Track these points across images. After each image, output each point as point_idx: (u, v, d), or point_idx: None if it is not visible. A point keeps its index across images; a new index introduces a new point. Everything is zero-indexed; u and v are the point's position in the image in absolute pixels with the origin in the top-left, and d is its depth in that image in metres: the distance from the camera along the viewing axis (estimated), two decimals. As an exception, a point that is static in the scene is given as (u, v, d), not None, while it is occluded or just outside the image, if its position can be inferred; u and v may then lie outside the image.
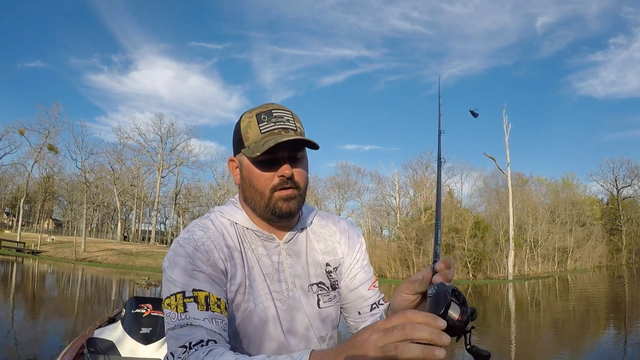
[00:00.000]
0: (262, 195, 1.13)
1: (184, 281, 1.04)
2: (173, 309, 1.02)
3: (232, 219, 1.20)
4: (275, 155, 1.11)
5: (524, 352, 9.25)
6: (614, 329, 12.49)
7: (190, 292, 1.03)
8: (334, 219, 1.36)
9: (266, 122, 1.13)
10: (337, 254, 1.30)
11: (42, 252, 38.80)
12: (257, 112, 1.15)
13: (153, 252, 40.64)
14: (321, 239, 1.29)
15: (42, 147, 47.13)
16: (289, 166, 1.11)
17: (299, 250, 1.24)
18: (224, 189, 59.36)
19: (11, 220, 65.35)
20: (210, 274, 1.07)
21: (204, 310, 1.01)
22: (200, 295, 1.03)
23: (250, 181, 1.15)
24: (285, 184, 1.12)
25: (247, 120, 1.15)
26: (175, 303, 1.02)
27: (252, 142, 1.13)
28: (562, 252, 44.79)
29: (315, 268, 1.24)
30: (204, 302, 1.02)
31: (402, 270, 35.33)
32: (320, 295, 1.23)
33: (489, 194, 51.12)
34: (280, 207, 1.13)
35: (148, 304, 3.72)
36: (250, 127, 1.14)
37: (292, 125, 1.14)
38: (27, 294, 16.03)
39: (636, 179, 61.41)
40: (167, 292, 1.06)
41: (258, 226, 1.20)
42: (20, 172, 57.12)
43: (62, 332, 9.60)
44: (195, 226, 1.16)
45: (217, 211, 1.22)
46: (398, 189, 52.59)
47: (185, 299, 1.02)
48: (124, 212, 61.70)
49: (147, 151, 58.21)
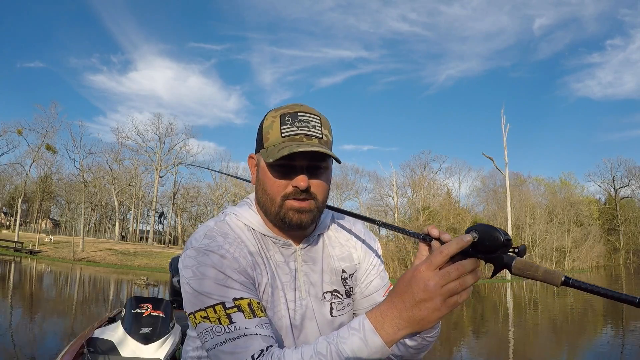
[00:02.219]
0: (272, 202, 1.07)
1: (220, 292, 0.98)
2: (215, 322, 0.96)
3: (249, 224, 1.13)
4: (292, 163, 1.03)
5: (522, 352, 9.27)
6: (612, 328, 12.53)
7: (232, 302, 0.97)
8: (349, 221, 1.30)
9: (289, 124, 1.05)
10: (353, 259, 1.24)
11: (40, 252, 38.71)
12: (283, 112, 1.07)
13: (151, 252, 40.59)
14: (337, 244, 1.23)
15: (40, 146, 47.03)
16: (305, 177, 1.03)
17: (315, 257, 1.18)
18: (222, 188, 59.34)
19: (9, 220, 65.22)
20: (243, 282, 1.02)
21: (251, 317, 0.96)
22: (243, 303, 0.97)
23: (263, 184, 1.09)
24: (298, 194, 1.04)
25: (270, 120, 1.08)
26: (216, 315, 0.96)
27: (270, 144, 1.06)
28: (560, 252, 44.88)
29: (331, 275, 1.19)
30: (249, 310, 0.97)
31: (400, 270, 35.34)
32: (334, 304, 1.18)
33: (487, 193, 51.33)
34: (290, 218, 1.06)
35: (148, 304, 3.71)
36: (272, 128, 1.06)
37: (317, 132, 1.06)
38: (25, 294, 16.00)
39: (634, 179, 61.63)
40: (200, 305, 0.98)
41: (273, 232, 1.13)
42: (18, 172, 57.08)
43: (60, 332, 9.60)
44: (213, 231, 1.08)
45: (232, 213, 1.15)
46: (396, 188, 52.63)
47: (227, 309, 0.96)
48: (122, 212, 61.61)
49: (145, 151, 58.20)
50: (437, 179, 54.40)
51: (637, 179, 61.60)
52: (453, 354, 9.02)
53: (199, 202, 64.56)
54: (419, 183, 48.35)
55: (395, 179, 52.83)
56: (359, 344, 0.85)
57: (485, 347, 9.95)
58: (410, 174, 52.84)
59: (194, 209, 66.23)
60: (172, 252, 39.80)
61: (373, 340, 0.84)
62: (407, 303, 0.83)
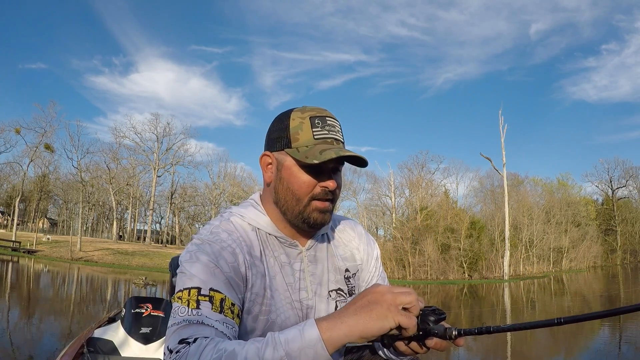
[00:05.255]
0: (298, 201, 1.09)
1: (203, 277, 0.99)
2: (184, 303, 0.96)
3: (254, 224, 1.13)
4: (324, 165, 1.07)
5: (520, 351, 9.30)
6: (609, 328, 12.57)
7: (207, 291, 0.97)
8: (350, 223, 1.33)
9: (320, 127, 1.09)
10: (355, 259, 1.27)
11: (38, 251, 38.62)
12: (311, 114, 1.10)
13: (149, 252, 40.52)
14: (340, 244, 1.26)
15: (38, 145, 46.94)
16: (334, 180, 1.10)
17: (320, 257, 1.20)
18: (219, 188, 59.28)
19: (6, 219, 65.00)
20: (230, 278, 1.02)
21: (217, 312, 0.95)
22: (216, 296, 0.97)
23: (289, 184, 1.09)
24: (326, 195, 1.09)
25: (298, 120, 1.09)
26: (188, 298, 0.96)
27: (301, 144, 1.07)
28: (557, 252, 44.96)
29: (335, 274, 1.21)
30: (218, 304, 0.96)
31: (398, 270, 35.38)
32: (338, 302, 1.19)
33: (484, 194, 51.36)
34: (315, 218, 1.10)
35: (148, 304, 3.72)
36: (302, 129, 1.08)
37: (341, 137, 1.13)
38: (23, 294, 15.97)
39: (631, 179, 61.80)
40: (180, 286, 1.00)
41: (282, 232, 1.14)
42: (15, 171, 56.98)
43: (58, 332, 9.58)
44: (219, 227, 1.09)
45: (237, 214, 1.15)
46: (394, 189, 52.67)
47: (200, 296, 0.96)
48: (119, 212, 61.48)
49: (142, 150, 58.10)
50: (434, 179, 54.52)
51: (634, 180, 61.84)
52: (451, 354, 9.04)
53: (196, 202, 64.48)
54: (416, 183, 48.35)
55: (393, 179, 52.92)
56: (295, 334, 0.83)
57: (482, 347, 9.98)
58: (407, 174, 52.95)
59: (191, 209, 66.16)
60: (169, 251, 39.76)
61: (310, 332, 0.83)
62: (357, 304, 0.87)
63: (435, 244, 34.82)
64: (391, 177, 52.97)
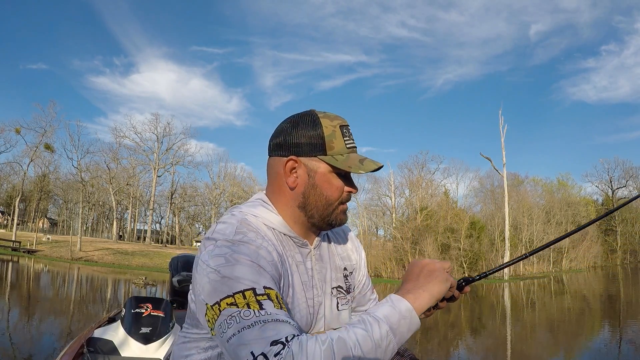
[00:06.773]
0: (329, 205, 1.15)
1: (253, 278, 0.96)
2: (243, 307, 0.91)
3: (269, 224, 1.14)
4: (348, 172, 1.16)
5: (519, 351, 9.30)
6: (609, 328, 12.57)
7: (262, 290, 0.95)
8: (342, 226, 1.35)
9: (347, 137, 1.16)
10: (351, 259, 1.33)
11: (38, 251, 38.66)
12: (339, 123, 1.16)
13: (149, 252, 40.54)
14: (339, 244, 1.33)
15: (38, 145, 46.98)
16: None
17: (324, 255, 1.25)
18: (219, 188, 59.34)
19: (6, 219, 65.02)
20: (273, 275, 1.01)
21: (279, 308, 0.93)
22: (272, 293, 0.95)
23: (322, 189, 1.14)
24: (349, 199, 1.19)
25: (331, 129, 1.13)
26: (246, 301, 0.92)
27: (337, 153, 1.12)
28: (557, 252, 44.98)
29: (336, 272, 1.26)
30: (277, 300, 0.95)
31: (398, 270, 35.39)
32: (339, 299, 1.24)
33: (484, 194, 51.38)
34: (340, 219, 1.18)
35: (148, 304, 3.71)
36: (336, 138, 1.13)
37: None
38: (23, 294, 15.98)
39: (631, 179, 61.85)
40: (228, 291, 0.95)
41: (295, 232, 1.17)
42: (15, 171, 57.05)
43: (57, 332, 9.58)
44: (243, 227, 1.07)
45: (250, 214, 1.14)
46: (394, 189, 52.69)
47: (257, 296, 0.93)
48: (119, 212, 61.50)
49: (142, 150, 58.14)
50: (434, 179, 54.57)
51: (634, 180, 61.87)
52: (450, 354, 9.05)
53: (196, 202, 64.57)
54: (416, 183, 48.39)
55: (393, 179, 52.94)
56: (389, 310, 0.95)
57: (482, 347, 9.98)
58: (408, 174, 52.99)
59: (191, 209, 66.24)
60: (169, 251, 39.73)
61: (401, 305, 0.96)
62: (422, 275, 1.05)
63: (435, 244, 34.85)
64: (391, 177, 53.02)
